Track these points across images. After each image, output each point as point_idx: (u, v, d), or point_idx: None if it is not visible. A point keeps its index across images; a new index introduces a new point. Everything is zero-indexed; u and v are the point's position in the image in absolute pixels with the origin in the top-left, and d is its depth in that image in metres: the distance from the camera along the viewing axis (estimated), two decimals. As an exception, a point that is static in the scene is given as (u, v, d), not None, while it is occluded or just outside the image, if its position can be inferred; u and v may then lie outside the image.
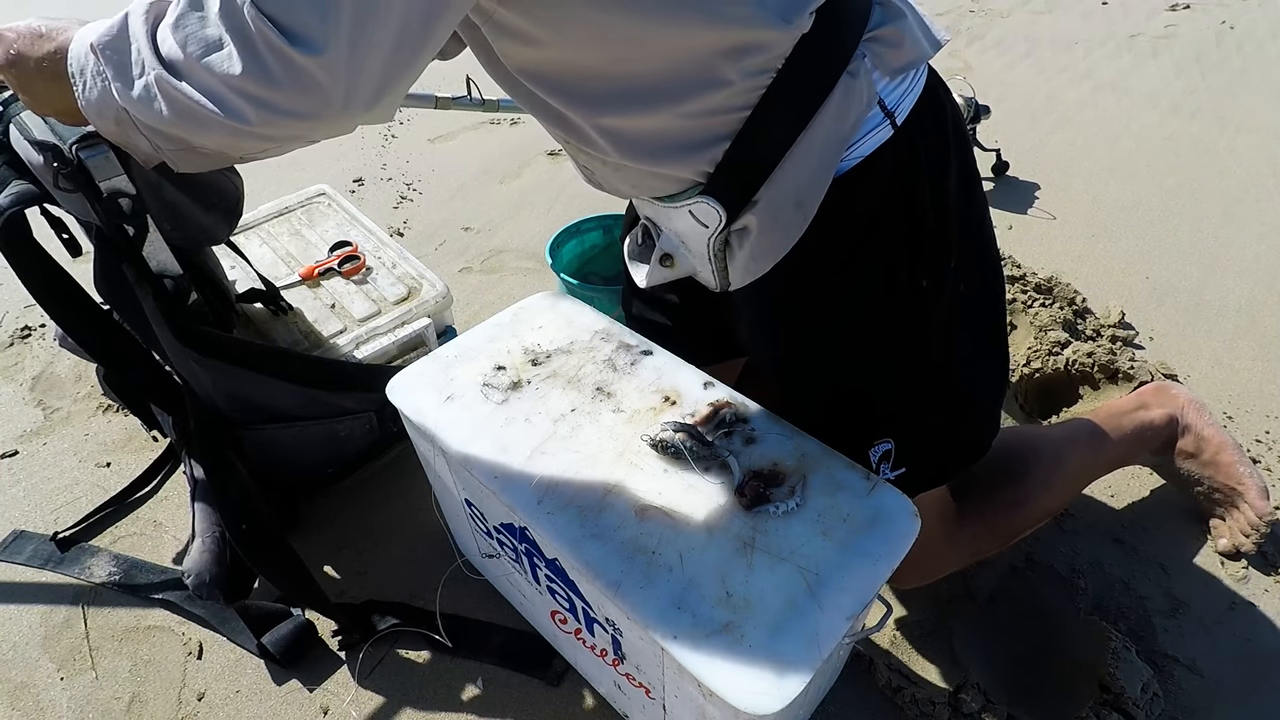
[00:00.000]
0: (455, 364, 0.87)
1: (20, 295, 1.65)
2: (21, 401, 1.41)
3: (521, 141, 2.29)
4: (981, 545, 1.01)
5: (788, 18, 0.61)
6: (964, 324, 0.82)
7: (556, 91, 0.65)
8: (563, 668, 1.00)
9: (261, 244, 1.33)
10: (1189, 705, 0.97)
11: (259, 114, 0.56)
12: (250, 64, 0.53)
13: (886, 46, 0.68)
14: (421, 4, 0.53)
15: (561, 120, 0.69)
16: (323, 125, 0.59)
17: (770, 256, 0.72)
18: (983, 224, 0.84)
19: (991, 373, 0.89)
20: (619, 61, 0.62)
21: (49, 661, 1.03)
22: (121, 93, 0.61)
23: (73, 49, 0.65)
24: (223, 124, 0.57)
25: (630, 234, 0.87)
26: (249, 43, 0.53)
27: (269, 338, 1.15)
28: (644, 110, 0.65)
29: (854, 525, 0.68)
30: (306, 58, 0.52)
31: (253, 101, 0.55)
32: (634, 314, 1.04)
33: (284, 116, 0.56)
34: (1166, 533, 1.16)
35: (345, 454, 1.16)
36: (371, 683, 1.00)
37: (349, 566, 1.14)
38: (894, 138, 0.70)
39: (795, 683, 0.58)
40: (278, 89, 0.54)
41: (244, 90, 0.55)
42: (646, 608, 0.63)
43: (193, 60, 0.56)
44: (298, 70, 0.53)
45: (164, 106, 0.59)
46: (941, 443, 0.86)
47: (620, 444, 0.76)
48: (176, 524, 1.19)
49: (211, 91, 0.56)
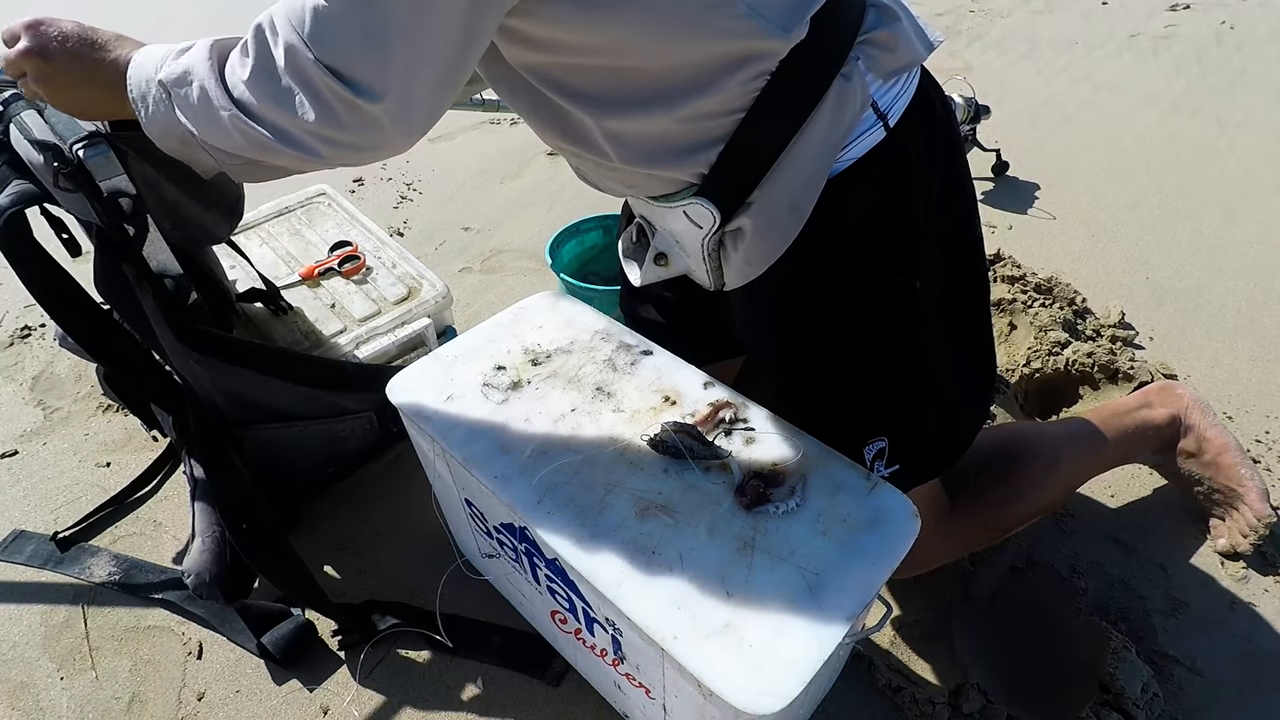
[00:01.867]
0: (455, 364, 0.87)
1: (20, 295, 1.66)
2: (21, 401, 1.41)
3: (521, 141, 2.29)
4: (973, 538, 1.01)
5: (788, 27, 0.62)
6: (952, 323, 0.82)
7: (563, 92, 0.66)
8: (563, 668, 1.00)
9: (261, 244, 1.33)
10: (1189, 705, 0.97)
11: (329, 149, 0.63)
12: (320, 113, 0.60)
13: (880, 49, 0.68)
14: (458, 36, 0.58)
15: (561, 119, 0.70)
16: (385, 153, 0.65)
17: (764, 259, 0.73)
18: (971, 224, 0.84)
19: (978, 369, 0.90)
20: (619, 71, 0.64)
21: (49, 661, 1.03)
22: (193, 123, 0.66)
23: (134, 75, 0.69)
24: (295, 155, 0.64)
25: (625, 232, 0.87)
26: (318, 95, 0.59)
27: (269, 337, 1.15)
28: (642, 114, 0.66)
29: (854, 525, 0.68)
30: (370, 104, 0.59)
31: (324, 141, 0.62)
32: (629, 312, 1.04)
33: (351, 150, 0.64)
34: (1166, 533, 1.16)
35: (345, 454, 1.16)
36: (372, 682, 1.00)
37: (349, 566, 1.14)
38: (886, 139, 0.70)
39: (795, 683, 0.58)
40: (347, 130, 0.61)
41: (316, 133, 0.61)
42: (646, 608, 0.63)
43: (266, 108, 0.61)
44: (363, 114, 0.59)
45: (238, 138, 0.64)
46: (933, 440, 0.87)
47: (620, 444, 0.76)
48: (176, 524, 1.19)
49: (286, 134, 0.62)
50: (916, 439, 0.83)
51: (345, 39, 0.56)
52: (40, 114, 0.85)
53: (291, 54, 0.58)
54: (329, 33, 0.56)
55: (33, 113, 0.85)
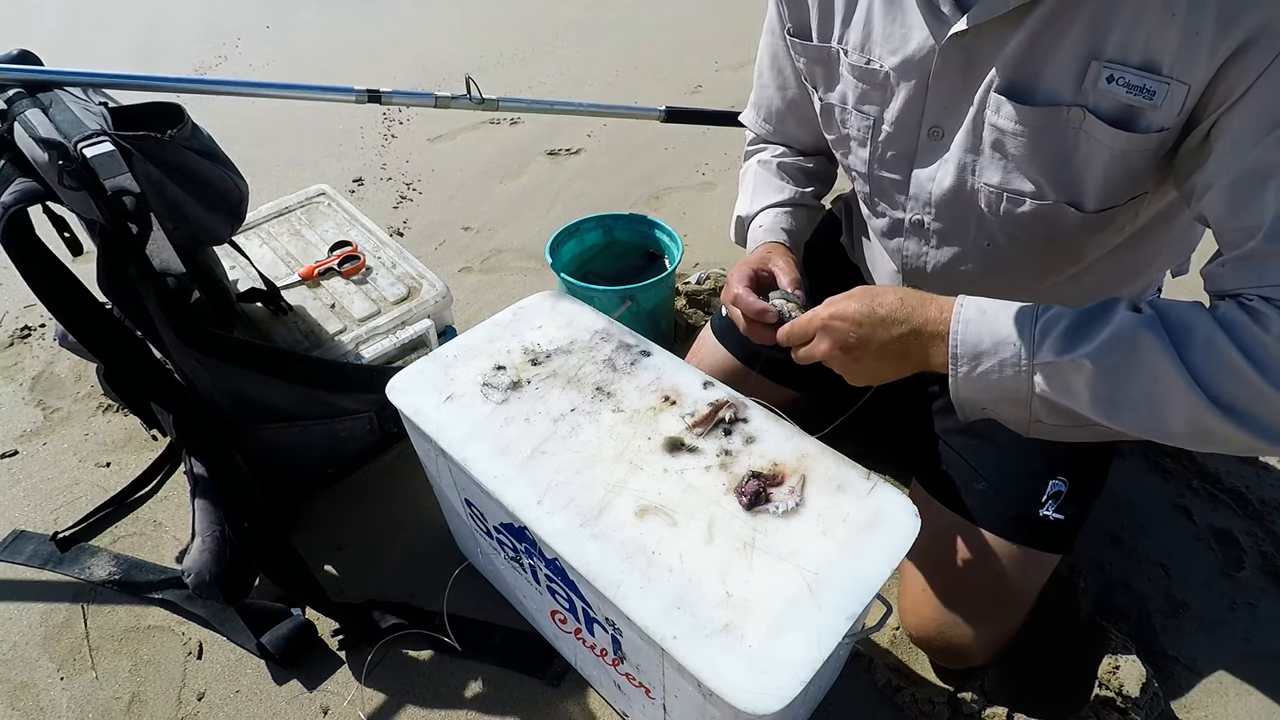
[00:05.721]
0: (455, 364, 0.87)
1: (20, 295, 1.66)
2: (21, 401, 1.41)
3: (521, 141, 2.29)
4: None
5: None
6: None
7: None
8: (563, 668, 1.00)
9: (261, 244, 1.33)
10: (1189, 705, 0.97)
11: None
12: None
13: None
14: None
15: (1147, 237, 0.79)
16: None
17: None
18: None
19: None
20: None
21: (49, 661, 1.03)
22: (1088, 404, 0.62)
23: (978, 334, 0.66)
24: (1247, 441, 0.56)
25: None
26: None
27: (269, 337, 1.15)
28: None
29: (854, 525, 0.68)
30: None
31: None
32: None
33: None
34: (1166, 533, 1.16)
35: (345, 454, 1.16)
36: (372, 682, 1.00)
37: (349, 566, 1.14)
38: None
39: (795, 683, 0.58)
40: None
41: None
42: (646, 608, 0.63)
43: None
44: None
45: (1149, 421, 0.59)
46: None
47: (620, 444, 0.76)
48: (176, 524, 1.20)
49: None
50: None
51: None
52: (44, 112, 0.85)
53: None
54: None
55: (37, 111, 0.85)
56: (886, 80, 0.80)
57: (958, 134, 0.77)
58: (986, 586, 0.89)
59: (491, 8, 3.30)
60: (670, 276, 1.42)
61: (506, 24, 3.14)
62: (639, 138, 2.30)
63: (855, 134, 0.88)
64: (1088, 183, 0.72)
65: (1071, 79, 0.67)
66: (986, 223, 0.81)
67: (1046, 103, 0.69)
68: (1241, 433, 0.56)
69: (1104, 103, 0.66)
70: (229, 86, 1.10)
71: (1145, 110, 0.64)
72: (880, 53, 0.79)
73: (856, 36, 0.81)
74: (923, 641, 0.94)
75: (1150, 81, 0.62)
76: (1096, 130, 0.67)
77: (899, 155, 0.84)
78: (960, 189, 0.79)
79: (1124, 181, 0.71)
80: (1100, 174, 0.70)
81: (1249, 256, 0.59)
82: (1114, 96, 0.65)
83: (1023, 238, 0.80)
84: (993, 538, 0.89)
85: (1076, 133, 0.69)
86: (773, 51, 0.97)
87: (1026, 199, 0.76)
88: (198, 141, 0.92)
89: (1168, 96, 0.62)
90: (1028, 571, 0.89)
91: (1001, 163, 0.75)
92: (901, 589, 0.99)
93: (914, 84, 0.77)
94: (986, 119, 0.73)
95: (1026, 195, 0.75)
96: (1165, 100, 0.62)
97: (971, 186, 0.79)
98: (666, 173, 2.15)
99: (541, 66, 2.78)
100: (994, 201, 0.78)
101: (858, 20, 0.81)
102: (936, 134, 0.79)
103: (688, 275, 1.68)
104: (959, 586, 0.90)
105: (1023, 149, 0.72)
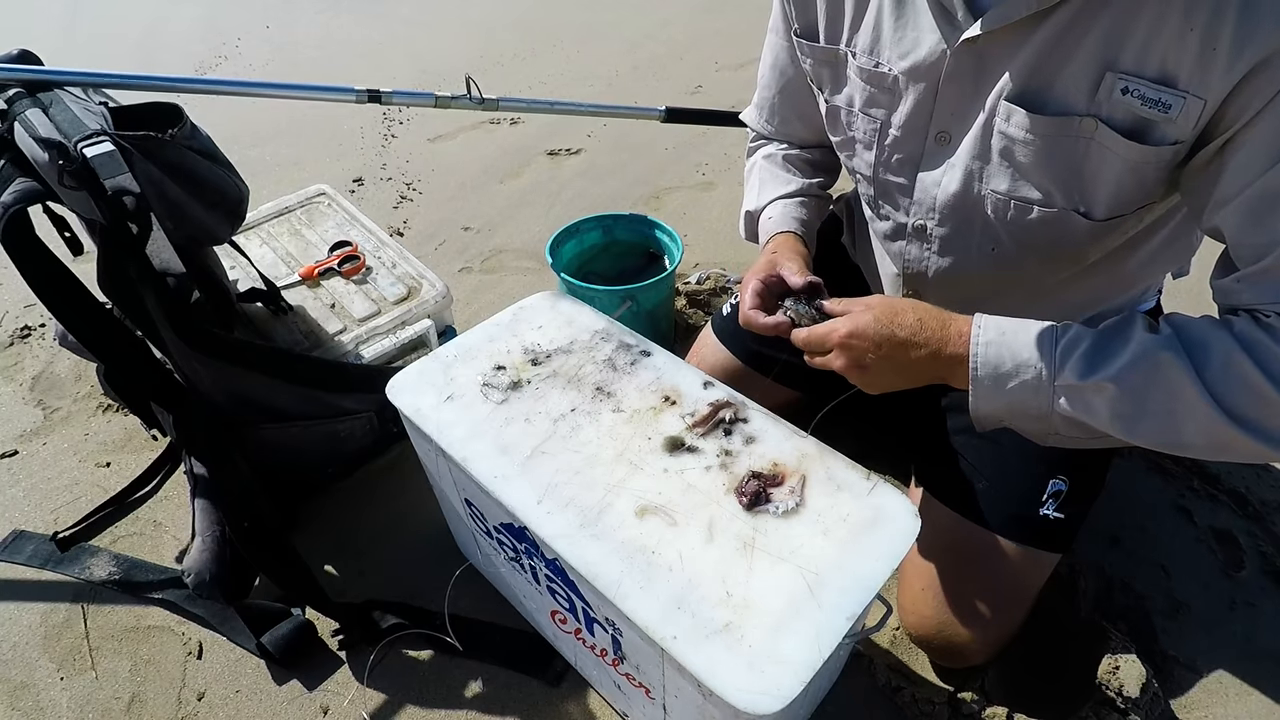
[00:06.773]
0: (455, 364, 0.87)
1: (20, 295, 1.66)
2: (21, 401, 1.41)
3: (521, 141, 2.29)
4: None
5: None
6: None
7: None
8: (563, 668, 1.00)
9: (261, 244, 1.33)
10: (1189, 705, 0.97)
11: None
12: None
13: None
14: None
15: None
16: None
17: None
18: None
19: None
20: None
21: (49, 661, 1.03)
22: (1109, 421, 0.63)
23: (999, 355, 0.67)
24: (1265, 452, 0.59)
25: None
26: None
27: (269, 337, 1.15)
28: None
29: (854, 525, 0.68)
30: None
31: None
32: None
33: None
34: (1167, 533, 1.16)
35: (345, 454, 1.16)
36: (372, 682, 1.00)
37: (349, 566, 1.14)
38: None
39: (795, 683, 0.58)
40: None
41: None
42: (646, 608, 0.63)
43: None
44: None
45: (1167, 435, 0.61)
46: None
47: (620, 444, 0.76)
48: (176, 524, 1.20)
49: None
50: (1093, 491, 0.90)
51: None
52: (45, 112, 0.85)
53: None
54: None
55: (38, 111, 0.85)
56: (895, 84, 0.79)
57: (965, 140, 0.77)
58: (986, 585, 0.89)
59: (492, 8, 3.30)
60: (670, 276, 1.42)
61: (506, 24, 3.14)
62: (639, 138, 2.30)
63: (861, 137, 0.87)
64: (1098, 192, 0.72)
65: (1085, 89, 0.67)
66: (991, 228, 0.80)
67: (1058, 112, 0.69)
68: (1259, 445, 0.58)
69: (1118, 114, 0.66)
70: (229, 86, 1.10)
71: (1160, 123, 0.64)
72: (889, 56, 0.79)
73: (865, 39, 0.81)
74: (922, 640, 0.94)
75: (1166, 95, 0.62)
76: (1109, 141, 0.67)
77: (905, 159, 0.84)
78: (966, 194, 0.79)
79: (1134, 191, 0.70)
80: (1111, 184, 0.70)
81: (1265, 272, 0.60)
82: (1128, 108, 0.65)
83: (1027, 243, 0.80)
84: (993, 537, 0.89)
85: (1088, 143, 0.68)
86: (776, 52, 0.97)
87: (1035, 207, 0.75)
88: (197, 141, 0.93)
89: (1183, 110, 0.62)
90: (1028, 570, 0.89)
91: (1010, 170, 0.75)
92: (901, 587, 0.99)
93: (923, 88, 0.77)
94: (996, 126, 0.73)
95: (1034, 203, 0.75)
96: (1181, 114, 0.62)
97: (978, 192, 0.78)
98: (666, 173, 2.15)
99: (541, 66, 2.78)
100: (1001, 208, 0.78)
101: (867, 23, 0.80)
102: (944, 139, 0.79)
103: (688, 275, 1.68)
104: (959, 585, 0.90)
105: (1032, 157, 0.72)
